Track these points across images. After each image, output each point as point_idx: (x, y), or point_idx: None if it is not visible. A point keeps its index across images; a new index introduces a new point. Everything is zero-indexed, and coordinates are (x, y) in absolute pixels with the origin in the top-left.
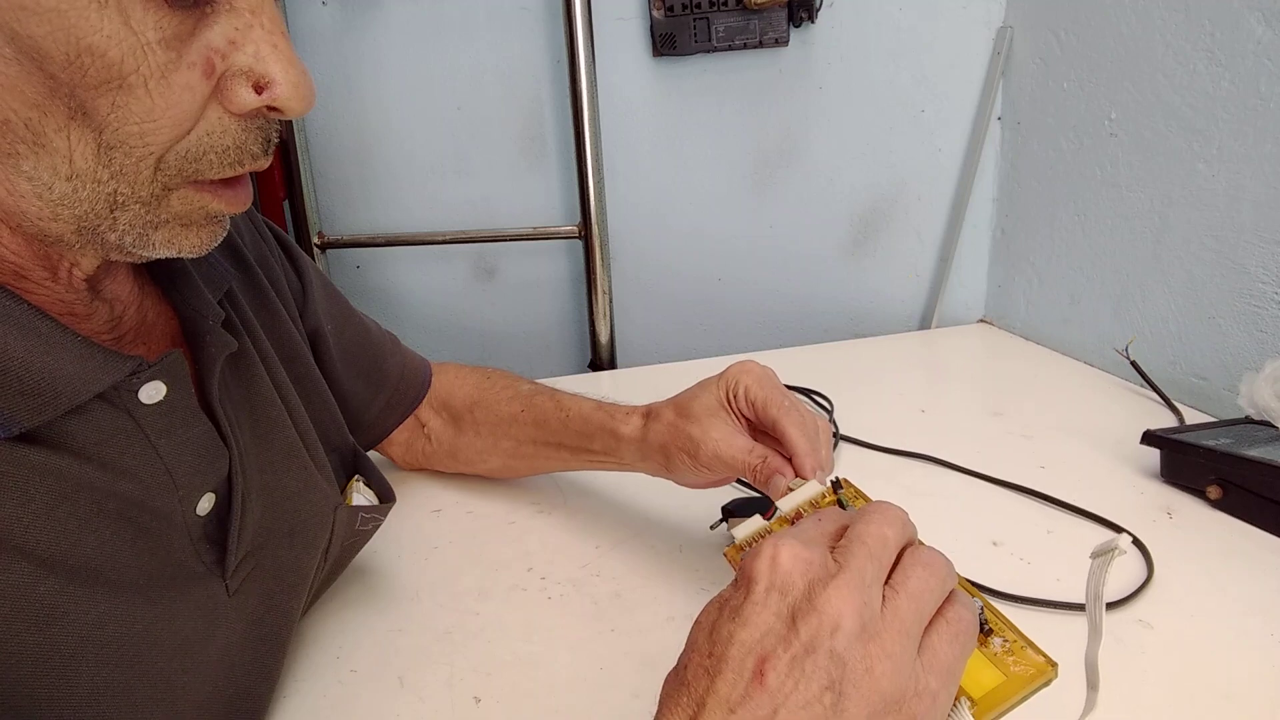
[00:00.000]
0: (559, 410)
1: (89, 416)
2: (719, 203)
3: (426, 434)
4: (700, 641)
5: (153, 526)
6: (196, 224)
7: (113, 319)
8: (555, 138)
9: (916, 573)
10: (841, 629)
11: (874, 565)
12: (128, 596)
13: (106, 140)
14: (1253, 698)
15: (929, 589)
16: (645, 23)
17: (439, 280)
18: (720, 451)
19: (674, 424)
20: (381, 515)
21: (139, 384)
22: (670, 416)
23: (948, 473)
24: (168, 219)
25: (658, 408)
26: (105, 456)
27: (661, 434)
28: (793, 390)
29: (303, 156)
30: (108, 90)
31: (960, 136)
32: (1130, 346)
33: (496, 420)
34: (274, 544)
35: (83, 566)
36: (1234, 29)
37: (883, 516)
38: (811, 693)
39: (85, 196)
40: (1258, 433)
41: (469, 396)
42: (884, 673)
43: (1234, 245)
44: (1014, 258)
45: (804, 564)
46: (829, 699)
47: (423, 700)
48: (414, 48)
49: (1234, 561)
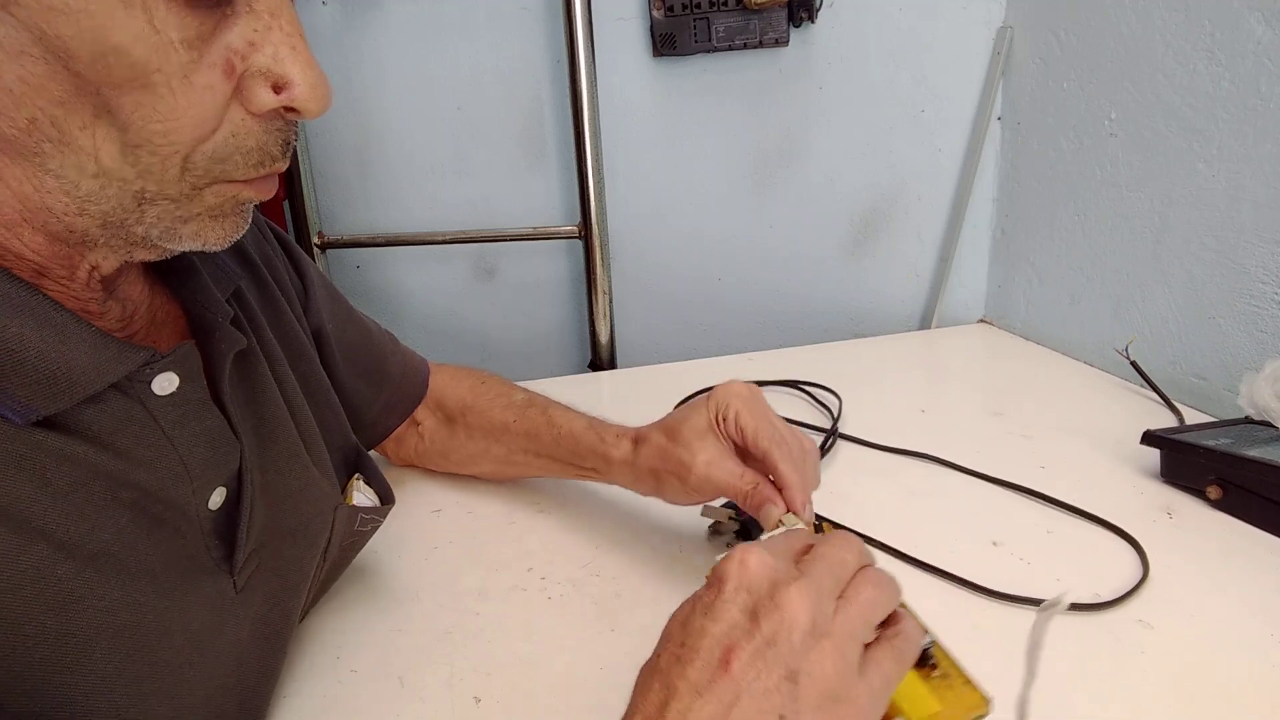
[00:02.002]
0: (550, 426)
1: (104, 406)
2: (719, 203)
3: (420, 432)
4: (674, 633)
5: (167, 517)
6: (226, 214)
7: (124, 317)
8: (555, 138)
9: (867, 590)
10: (797, 626)
11: (831, 579)
12: (140, 585)
13: (130, 139)
14: (1253, 698)
15: (877, 603)
16: (645, 23)
17: (439, 280)
18: (711, 475)
19: (664, 448)
20: (380, 517)
21: (152, 375)
22: (660, 440)
23: (948, 473)
24: (198, 213)
25: (646, 432)
26: (121, 445)
27: (651, 458)
28: (799, 385)
29: (303, 156)
30: (131, 89)
31: (960, 136)
32: (1130, 346)
33: (489, 427)
34: (276, 542)
35: (99, 552)
36: (1234, 29)
37: (844, 542)
38: (771, 681)
39: (112, 194)
40: (1258, 433)
41: (462, 400)
42: (832, 670)
43: (1234, 245)
44: (1014, 258)
45: (769, 569)
46: (786, 688)
47: (423, 700)
48: (414, 48)
49: (1234, 561)
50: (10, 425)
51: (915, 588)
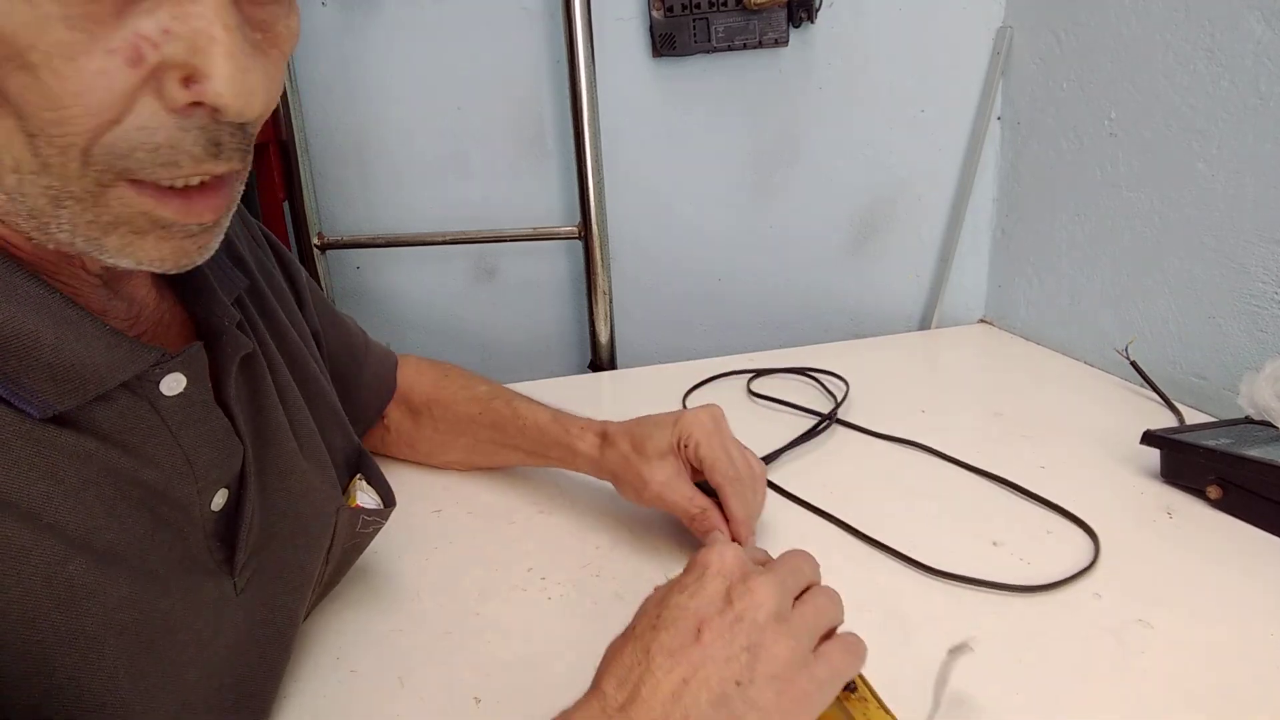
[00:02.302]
0: (515, 418)
1: (115, 404)
2: (719, 203)
3: (385, 424)
4: (650, 609)
5: (172, 517)
6: (151, 233)
7: (130, 317)
8: (555, 138)
9: (819, 599)
10: (764, 608)
11: (793, 579)
12: (146, 583)
13: (28, 127)
14: (1253, 698)
15: (827, 610)
16: (645, 23)
17: (439, 280)
18: (664, 495)
19: (627, 457)
20: (382, 519)
21: (160, 375)
22: (625, 448)
23: (948, 473)
24: (113, 222)
25: (614, 433)
26: (130, 443)
27: (615, 462)
28: (807, 372)
29: (303, 157)
30: (14, 69)
31: (960, 136)
32: (1130, 346)
33: (454, 419)
34: (277, 545)
35: (108, 549)
36: (1234, 29)
37: (804, 556)
38: (733, 650)
39: (30, 191)
40: (1258, 433)
41: (426, 393)
42: (786, 652)
43: (1234, 245)
44: (1014, 258)
45: (743, 561)
46: (745, 657)
47: (423, 700)
48: (414, 48)
49: (1234, 561)
50: (25, 420)
51: (916, 587)
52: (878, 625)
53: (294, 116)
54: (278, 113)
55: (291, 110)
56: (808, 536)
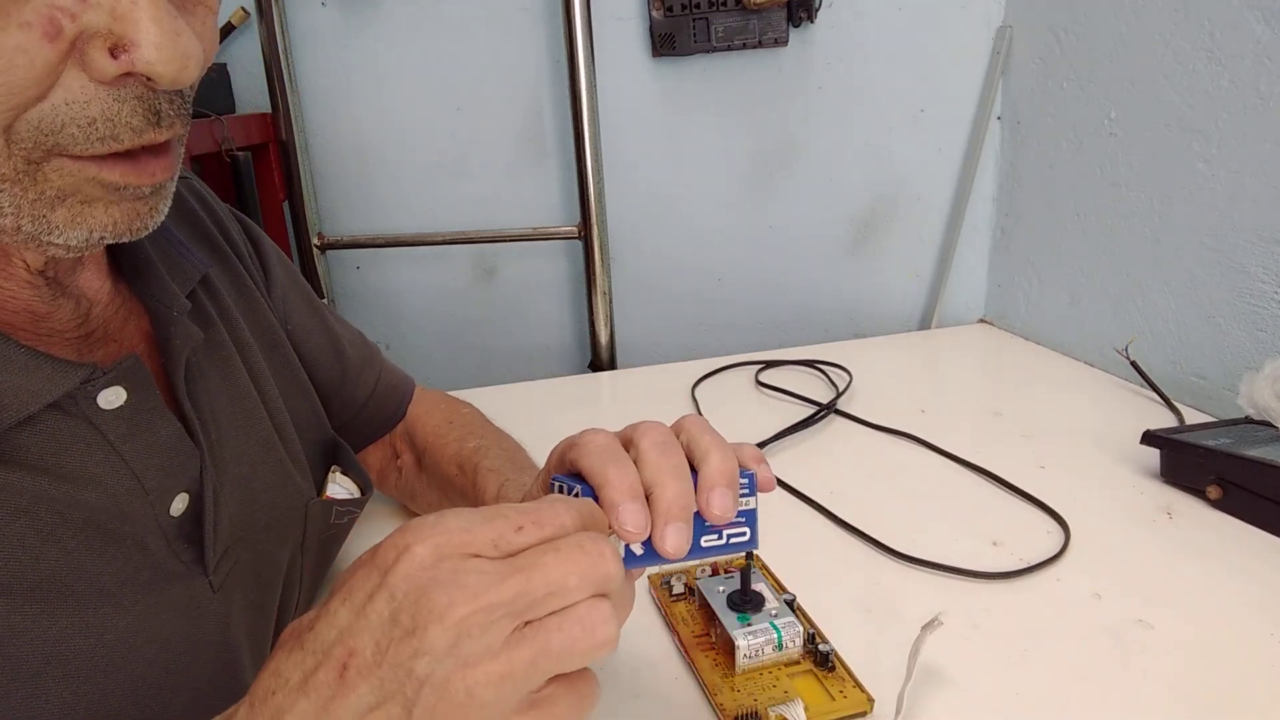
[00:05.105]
0: (474, 489)
1: (42, 427)
2: (719, 203)
3: (399, 466)
4: (310, 615)
5: (124, 532)
6: (100, 199)
7: (78, 316)
8: (555, 138)
9: (567, 627)
10: (434, 649)
11: (523, 598)
12: (96, 607)
13: None
14: (1253, 698)
15: (563, 650)
16: (645, 23)
17: (439, 280)
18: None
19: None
20: (357, 509)
21: (96, 390)
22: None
23: (948, 473)
24: (57, 195)
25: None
26: (65, 467)
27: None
28: (811, 365)
29: (302, 157)
30: None
31: (960, 136)
32: (1130, 346)
33: (440, 478)
34: (252, 537)
35: (42, 583)
36: (1234, 29)
37: (581, 553)
38: (383, 697)
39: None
40: (1258, 433)
41: (425, 440)
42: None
43: (1234, 245)
44: (1014, 258)
45: (449, 554)
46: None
47: None
48: (414, 48)
49: (1234, 561)
50: None
51: (916, 587)
52: (877, 622)
53: (294, 117)
54: (278, 113)
55: (291, 110)
56: (799, 526)
